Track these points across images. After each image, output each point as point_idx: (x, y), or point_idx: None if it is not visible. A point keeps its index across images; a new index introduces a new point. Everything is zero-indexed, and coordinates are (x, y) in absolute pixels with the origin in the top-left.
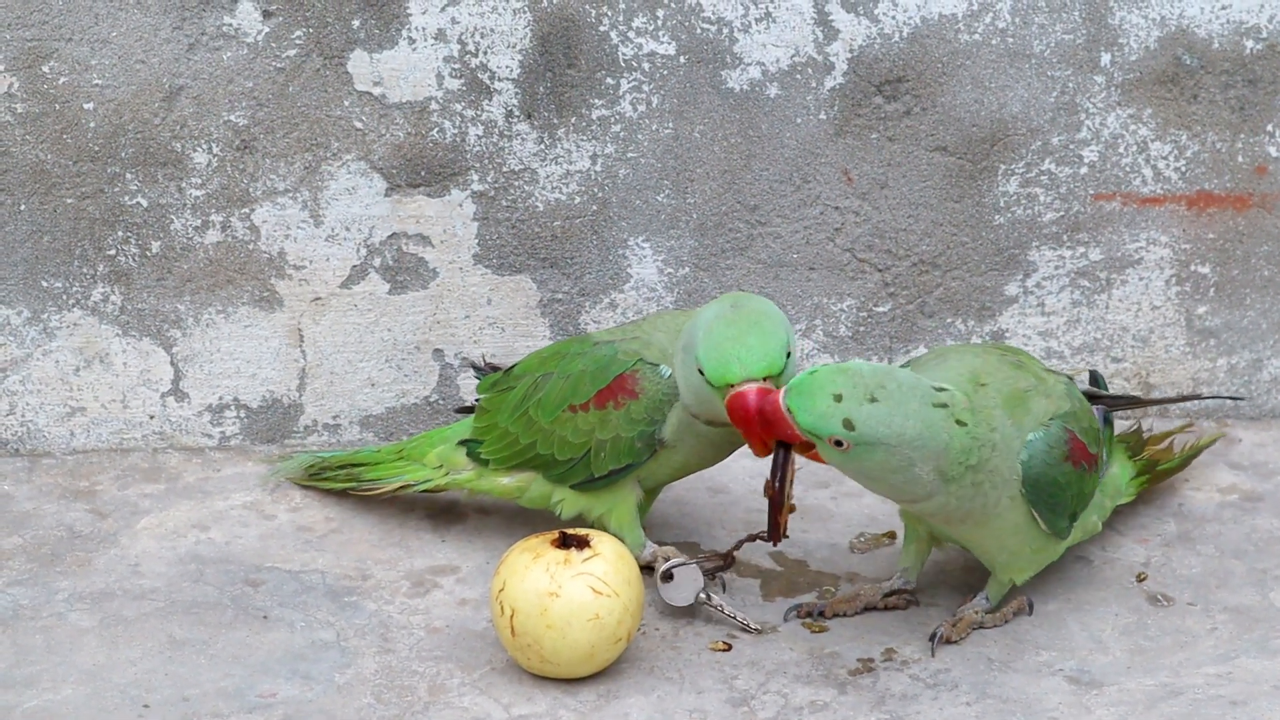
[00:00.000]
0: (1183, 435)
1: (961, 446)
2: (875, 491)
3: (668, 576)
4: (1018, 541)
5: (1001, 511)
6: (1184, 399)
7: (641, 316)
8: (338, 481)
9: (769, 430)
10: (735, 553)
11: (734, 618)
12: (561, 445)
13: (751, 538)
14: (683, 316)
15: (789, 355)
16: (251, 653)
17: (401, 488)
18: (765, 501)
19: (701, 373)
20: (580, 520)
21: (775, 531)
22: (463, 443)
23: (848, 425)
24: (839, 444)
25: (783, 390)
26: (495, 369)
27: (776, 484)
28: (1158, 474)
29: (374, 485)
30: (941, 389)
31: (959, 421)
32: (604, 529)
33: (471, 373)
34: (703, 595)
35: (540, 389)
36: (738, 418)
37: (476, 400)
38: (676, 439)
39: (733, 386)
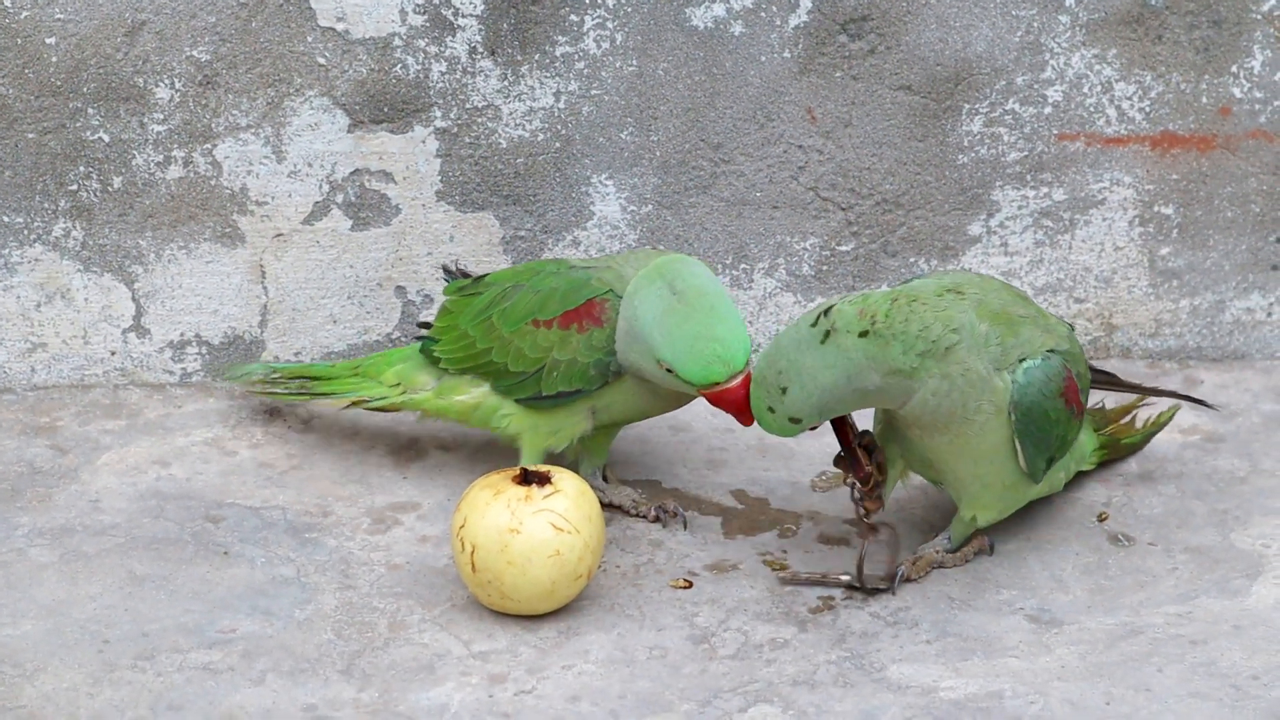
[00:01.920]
0: (1143, 410)
1: (878, 349)
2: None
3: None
4: (992, 471)
5: (984, 421)
6: (1157, 393)
7: (616, 253)
8: (288, 394)
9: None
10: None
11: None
12: (517, 357)
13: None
14: (654, 253)
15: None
16: (212, 588)
17: (355, 403)
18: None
19: (671, 371)
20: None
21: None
22: (419, 339)
23: (795, 421)
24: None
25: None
26: (466, 275)
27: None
28: (1120, 447)
29: (325, 398)
30: (820, 315)
31: (861, 334)
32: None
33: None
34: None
35: (508, 298)
36: (734, 409)
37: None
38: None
39: (719, 384)
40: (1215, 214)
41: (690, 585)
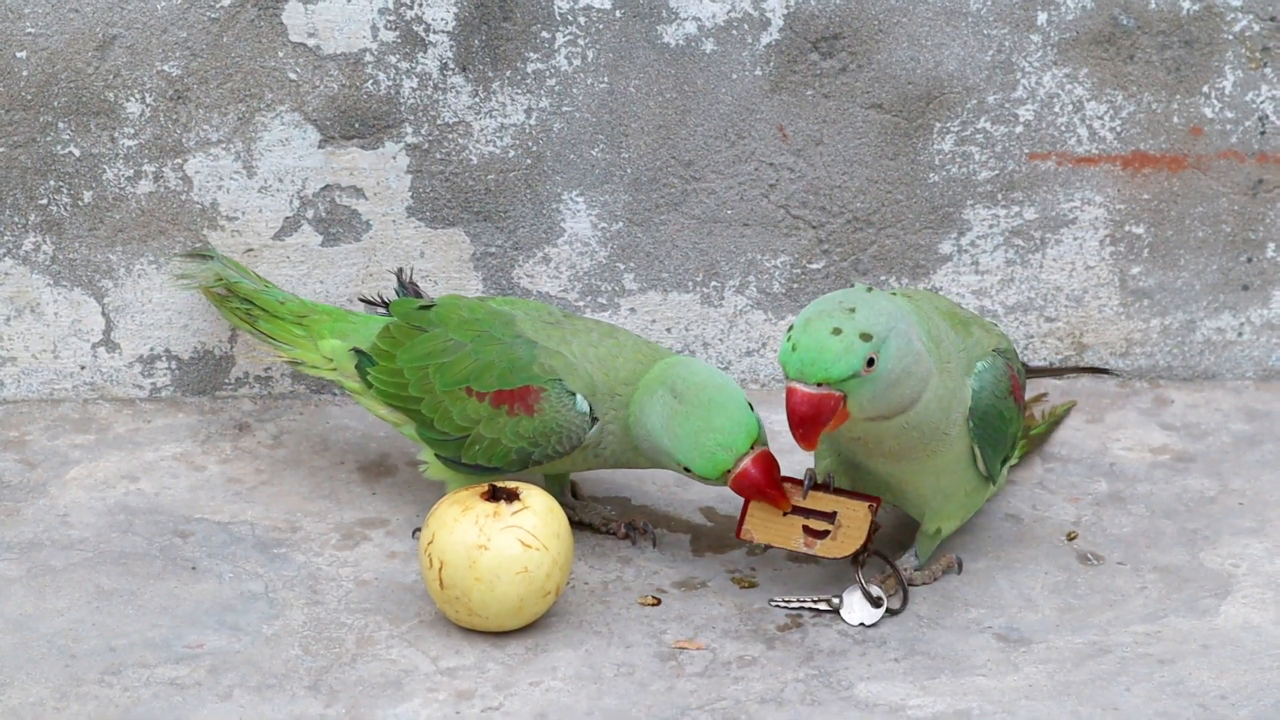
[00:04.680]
0: (1038, 404)
1: (925, 327)
2: (884, 412)
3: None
4: (954, 482)
5: (956, 434)
6: (1063, 371)
7: (568, 318)
8: (236, 315)
9: (779, 486)
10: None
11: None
12: (444, 418)
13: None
14: (610, 343)
15: (752, 408)
16: (179, 603)
17: (292, 362)
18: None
19: (690, 471)
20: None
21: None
22: (357, 351)
23: (865, 338)
24: (870, 363)
25: (796, 377)
26: (418, 292)
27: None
28: (1032, 439)
29: (266, 340)
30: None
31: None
32: None
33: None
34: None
35: (449, 354)
36: (753, 489)
37: (387, 303)
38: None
39: (729, 472)
40: (1186, 234)
41: (659, 602)
